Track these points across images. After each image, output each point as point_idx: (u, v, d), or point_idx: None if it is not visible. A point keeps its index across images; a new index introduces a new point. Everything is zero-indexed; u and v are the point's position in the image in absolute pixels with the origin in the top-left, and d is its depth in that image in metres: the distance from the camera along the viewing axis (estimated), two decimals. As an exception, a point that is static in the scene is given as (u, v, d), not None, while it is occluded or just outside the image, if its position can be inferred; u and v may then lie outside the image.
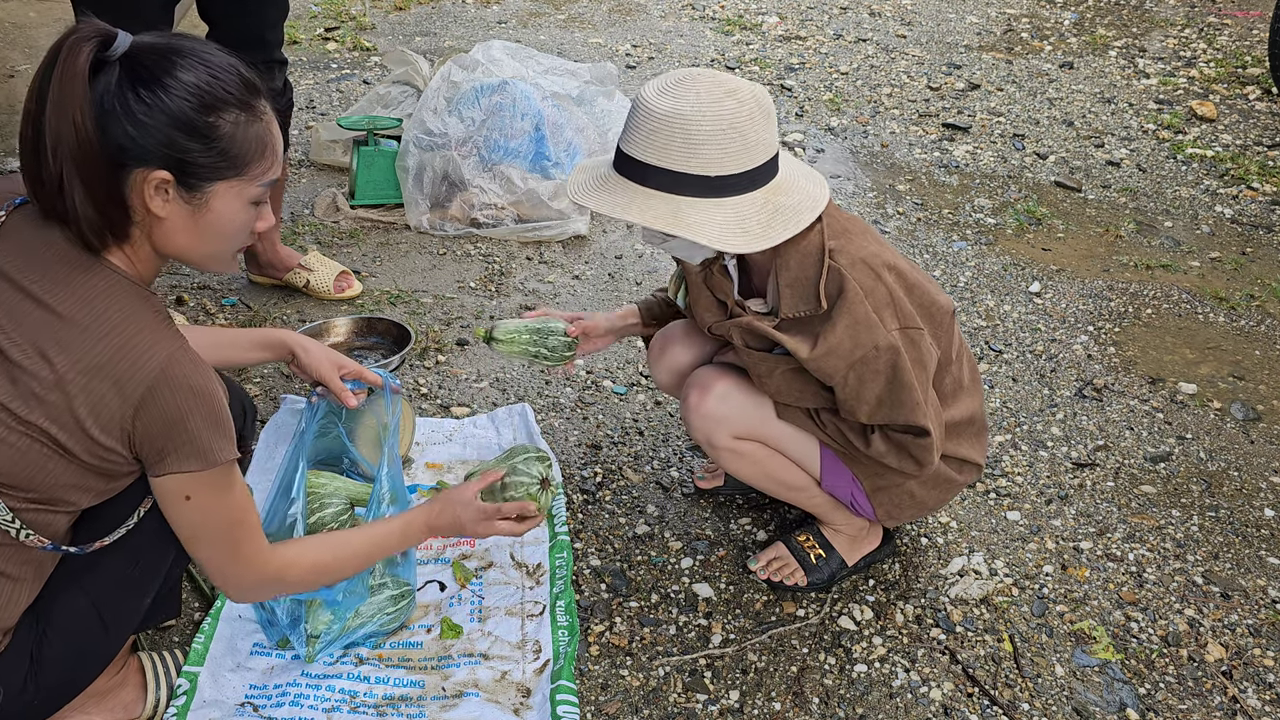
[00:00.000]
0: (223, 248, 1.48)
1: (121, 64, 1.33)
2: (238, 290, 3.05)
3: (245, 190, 1.44)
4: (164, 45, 1.37)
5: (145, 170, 1.35)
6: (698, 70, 1.75)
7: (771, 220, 1.75)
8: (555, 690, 1.79)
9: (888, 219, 3.69)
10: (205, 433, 1.40)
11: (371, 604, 1.88)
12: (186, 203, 1.40)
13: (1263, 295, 3.30)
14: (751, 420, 1.95)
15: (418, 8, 5.79)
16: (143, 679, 1.77)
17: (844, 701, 1.88)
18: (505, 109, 3.51)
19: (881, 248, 1.84)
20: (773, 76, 4.99)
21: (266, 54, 2.66)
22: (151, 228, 1.40)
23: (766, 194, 1.76)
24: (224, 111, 1.38)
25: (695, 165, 1.70)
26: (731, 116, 1.70)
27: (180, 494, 1.44)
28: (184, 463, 1.41)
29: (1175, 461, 2.54)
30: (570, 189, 1.83)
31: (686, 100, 1.69)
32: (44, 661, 1.49)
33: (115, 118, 1.31)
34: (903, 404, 1.81)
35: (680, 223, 1.71)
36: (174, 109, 1.34)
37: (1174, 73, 5.20)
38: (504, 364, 2.79)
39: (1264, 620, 2.10)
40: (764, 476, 2.03)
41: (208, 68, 1.37)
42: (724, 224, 1.72)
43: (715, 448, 1.99)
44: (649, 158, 1.72)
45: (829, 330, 1.78)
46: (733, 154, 1.71)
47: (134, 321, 1.37)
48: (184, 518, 1.47)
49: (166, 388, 1.36)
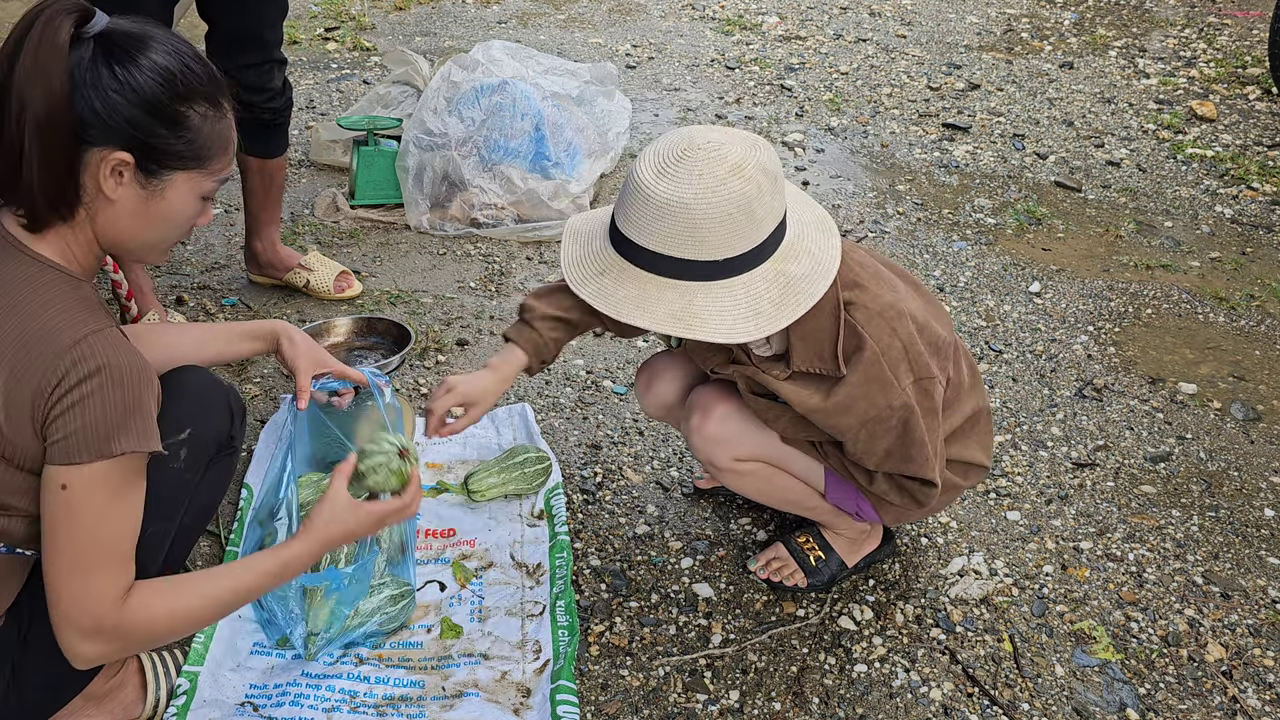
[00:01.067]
0: (163, 237, 1.46)
1: (96, 41, 1.33)
2: (238, 290, 3.05)
3: (201, 184, 1.44)
4: (138, 30, 1.37)
5: (106, 150, 1.34)
6: (697, 140, 1.62)
7: (784, 297, 1.66)
8: (555, 690, 1.79)
9: (888, 219, 3.69)
10: (110, 418, 1.30)
11: (371, 604, 1.88)
12: (142, 187, 1.39)
13: (1263, 295, 3.30)
14: (754, 441, 1.94)
15: (418, 8, 5.79)
16: (142, 679, 1.77)
17: (844, 701, 1.88)
18: (505, 109, 3.51)
19: (895, 293, 1.78)
20: (773, 76, 4.99)
21: (266, 53, 2.66)
22: (98, 210, 1.39)
23: (777, 264, 1.67)
24: (194, 102, 1.39)
25: (705, 252, 1.61)
26: (739, 198, 1.60)
27: (58, 482, 1.32)
28: (77, 451, 1.30)
29: (1175, 461, 2.54)
30: (567, 272, 1.72)
31: (688, 185, 1.59)
32: (24, 670, 1.47)
33: (84, 92, 1.31)
34: (912, 459, 1.79)
35: (691, 322, 1.63)
36: (145, 90, 1.34)
37: (1174, 73, 5.20)
38: (504, 364, 2.79)
39: (1264, 620, 2.10)
40: (768, 493, 2.03)
41: (180, 56, 1.38)
42: (735, 310, 1.64)
43: (718, 469, 1.98)
44: (653, 244, 1.62)
45: (842, 389, 1.73)
46: (743, 234, 1.62)
47: (52, 306, 1.34)
48: (51, 510, 1.33)
49: (72, 366, 1.29)
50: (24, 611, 1.47)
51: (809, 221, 1.76)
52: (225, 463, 1.71)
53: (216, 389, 1.68)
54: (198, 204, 1.46)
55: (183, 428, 1.59)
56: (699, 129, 1.65)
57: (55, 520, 1.33)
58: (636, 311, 1.64)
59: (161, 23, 1.43)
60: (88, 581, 1.35)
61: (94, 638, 1.37)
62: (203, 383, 1.67)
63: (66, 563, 1.34)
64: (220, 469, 1.69)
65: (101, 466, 1.32)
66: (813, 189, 3.89)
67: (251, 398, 2.58)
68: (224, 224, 3.40)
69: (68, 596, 1.35)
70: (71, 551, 1.34)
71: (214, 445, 1.65)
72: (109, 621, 1.37)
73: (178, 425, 1.58)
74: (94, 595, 1.35)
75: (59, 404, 1.30)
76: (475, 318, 2.99)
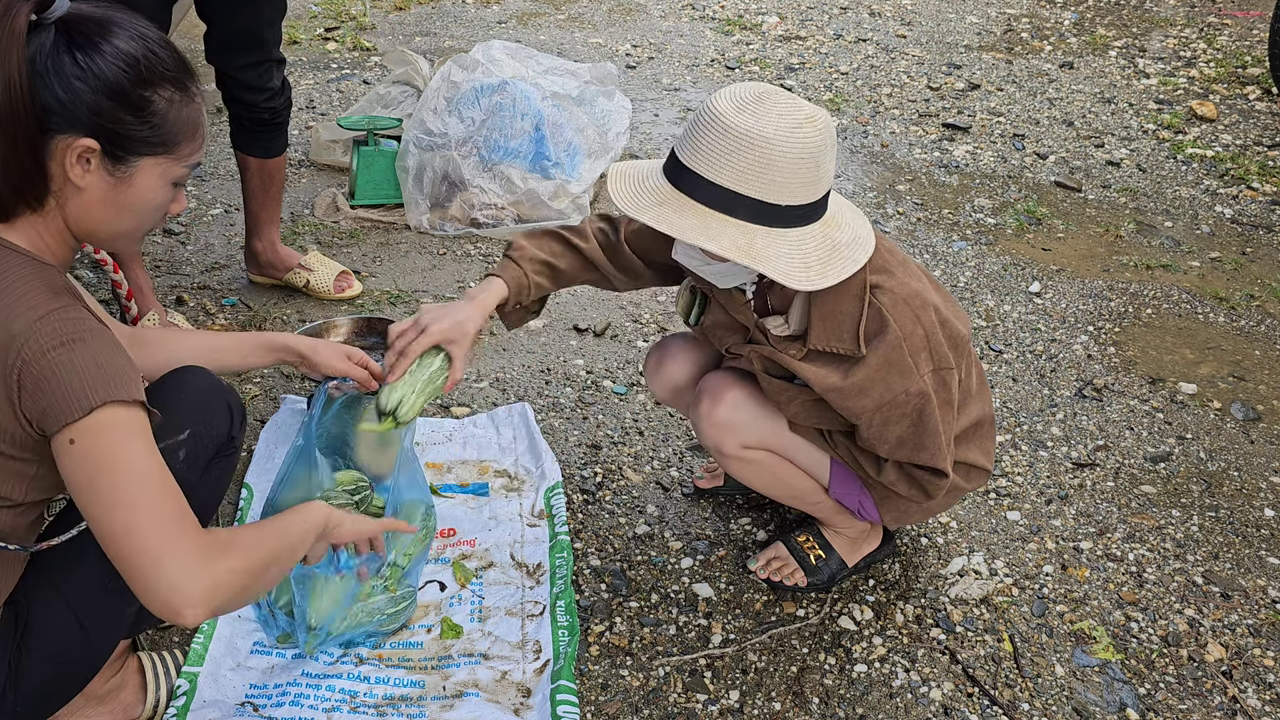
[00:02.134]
0: (135, 225, 1.45)
1: (57, 27, 1.32)
2: (238, 290, 3.05)
3: (171, 170, 1.43)
4: (101, 14, 1.36)
5: (70, 137, 1.33)
6: (770, 88, 1.65)
7: (830, 257, 1.68)
8: (555, 690, 1.79)
9: (888, 219, 3.69)
10: (84, 378, 1.27)
11: (371, 604, 1.88)
12: (109, 174, 1.38)
13: (1263, 295, 3.30)
14: (762, 430, 1.94)
15: (418, 8, 5.79)
16: (142, 679, 1.76)
17: (844, 701, 1.88)
18: (505, 109, 3.51)
19: (921, 283, 1.79)
20: (773, 76, 4.99)
21: (265, 53, 2.66)
22: (68, 198, 1.38)
23: (824, 228, 1.69)
24: (159, 87, 1.38)
25: (771, 193, 1.61)
26: (813, 144, 1.61)
27: (65, 441, 1.27)
28: (64, 412, 1.27)
29: (1175, 461, 2.54)
30: (621, 202, 1.68)
31: (769, 122, 1.59)
32: (23, 669, 1.47)
33: (46, 80, 1.30)
34: (925, 447, 1.80)
35: (755, 255, 1.63)
36: (109, 76, 1.33)
37: (1174, 73, 5.20)
38: (504, 364, 2.79)
39: (1264, 620, 2.10)
40: (771, 483, 2.03)
41: (144, 41, 1.37)
42: (789, 258, 1.64)
43: (724, 455, 1.98)
44: (722, 179, 1.61)
45: (860, 370, 1.74)
46: (808, 184, 1.63)
47: (16, 289, 1.32)
48: (74, 470, 1.27)
49: (35, 340, 1.28)
50: (21, 609, 1.47)
51: (846, 207, 1.80)
52: (225, 463, 1.71)
53: (216, 389, 1.68)
54: (168, 190, 1.45)
55: (182, 428, 1.59)
56: (764, 84, 1.69)
57: (88, 475, 1.27)
58: (703, 237, 1.63)
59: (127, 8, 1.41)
60: (161, 510, 1.26)
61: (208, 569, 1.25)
62: (203, 383, 1.67)
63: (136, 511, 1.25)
64: (220, 469, 1.69)
65: (99, 417, 1.27)
66: (813, 189, 3.89)
67: (251, 398, 2.58)
68: (224, 224, 3.40)
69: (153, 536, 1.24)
70: (131, 497, 1.26)
71: (214, 446, 1.65)
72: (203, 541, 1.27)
73: (178, 425, 1.58)
74: (172, 515, 1.27)
75: (32, 378, 1.28)
76: (475, 318, 2.99)
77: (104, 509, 1.25)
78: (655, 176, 1.70)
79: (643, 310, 3.07)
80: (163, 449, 1.51)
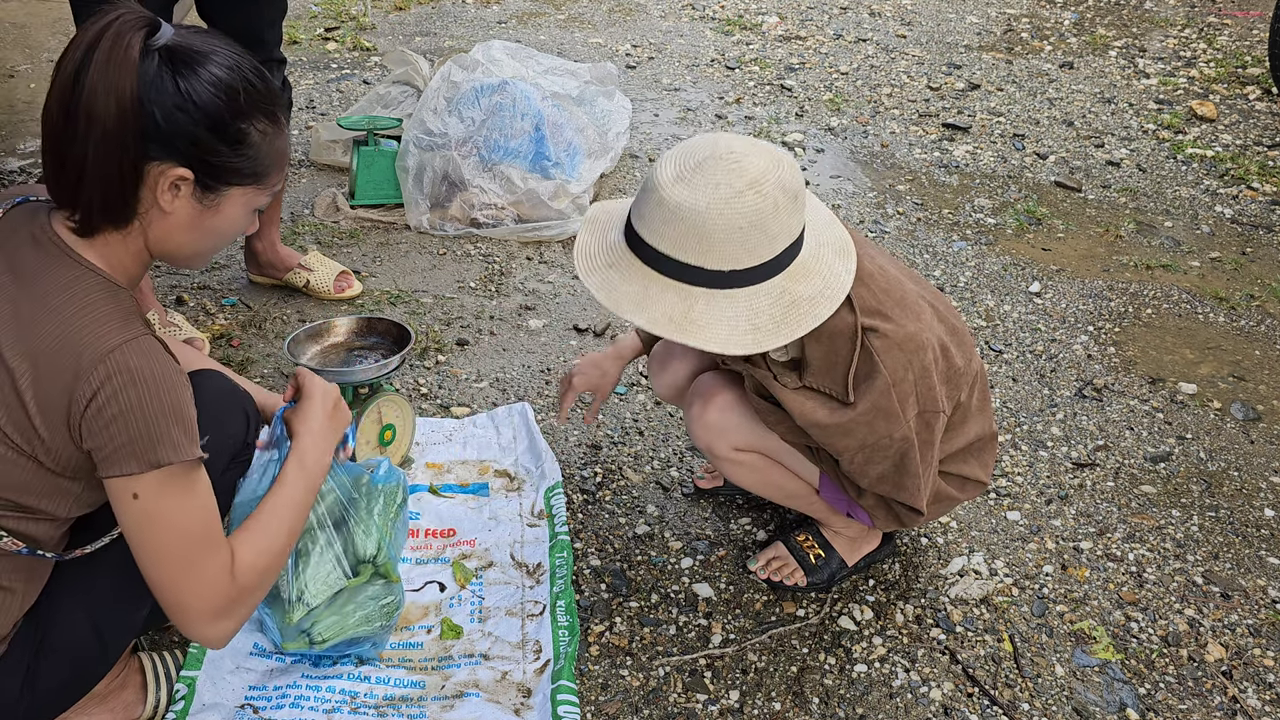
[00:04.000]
0: (213, 247, 1.48)
1: (161, 54, 1.32)
2: (238, 290, 3.05)
3: (256, 198, 1.46)
4: (201, 44, 1.37)
5: (165, 164, 1.34)
6: (721, 148, 1.61)
7: (785, 315, 1.65)
8: (556, 690, 1.79)
9: (888, 219, 3.69)
10: (152, 429, 1.31)
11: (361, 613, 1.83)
12: (199, 202, 1.39)
13: (1263, 295, 3.30)
14: (753, 433, 1.94)
15: (418, 8, 5.79)
16: (143, 680, 1.76)
17: (844, 701, 1.88)
18: (505, 109, 3.51)
19: (918, 323, 1.75)
20: (773, 76, 4.99)
21: (265, 53, 2.65)
22: (153, 221, 1.39)
23: (785, 281, 1.66)
24: (255, 119, 1.39)
25: (711, 261, 1.60)
26: (752, 213, 1.58)
27: (127, 492, 1.34)
28: (126, 462, 1.32)
29: (1175, 461, 2.54)
30: (578, 259, 1.72)
31: (703, 194, 1.58)
32: (40, 671, 1.48)
33: (149, 107, 1.31)
34: (905, 487, 1.80)
35: (687, 327, 1.62)
36: (209, 107, 1.34)
37: (1174, 73, 5.20)
38: (504, 364, 2.79)
39: (1264, 620, 2.10)
40: (763, 484, 2.03)
41: (241, 72, 1.38)
42: (735, 321, 1.63)
43: (716, 456, 1.99)
44: (662, 246, 1.62)
45: (848, 411, 1.73)
46: (753, 249, 1.61)
47: (90, 312, 1.33)
48: (132, 521, 1.36)
49: (108, 377, 1.30)
50: (43, 613, 1.48)
51: (827, 243, 1.74)
52: (239, 470, 1.70)
53: (234, 395, 1.67)
54: (250, 217, 1.48)
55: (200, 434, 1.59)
56: (725, 137, 1.65)
57: (143, 528, 1.36)
58: (634, 310, 1.65)
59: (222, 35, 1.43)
60: (202, 572, 1.40)
61: (225, 615, 1.44)
62: (220, 389, 1.66)
63: (174, 564, 1.38)
64: (234, 476, 1.69)
65: (161, 472, 1.34)
66: (813, 189, 3.89)
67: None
68: (224, 224, 3.40)
69: (190, 593, 1.39)
70: (175, 552, 1.38)
71: (229, 452, 1.65)
72: (232, 594, 1.43)
73: None
74: (211, 580, 1.41)
75: (98, 415, 1.30)
76: (475, 318, 2.99)
77: (151, 559, 1.38)
78: (617, 231, 1.72)
79: (643, 310, 3.06)
80: None
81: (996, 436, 2.02)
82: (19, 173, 3.67)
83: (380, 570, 1.83)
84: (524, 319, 3.00)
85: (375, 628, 1.84)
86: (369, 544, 1.80)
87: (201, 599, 1.40)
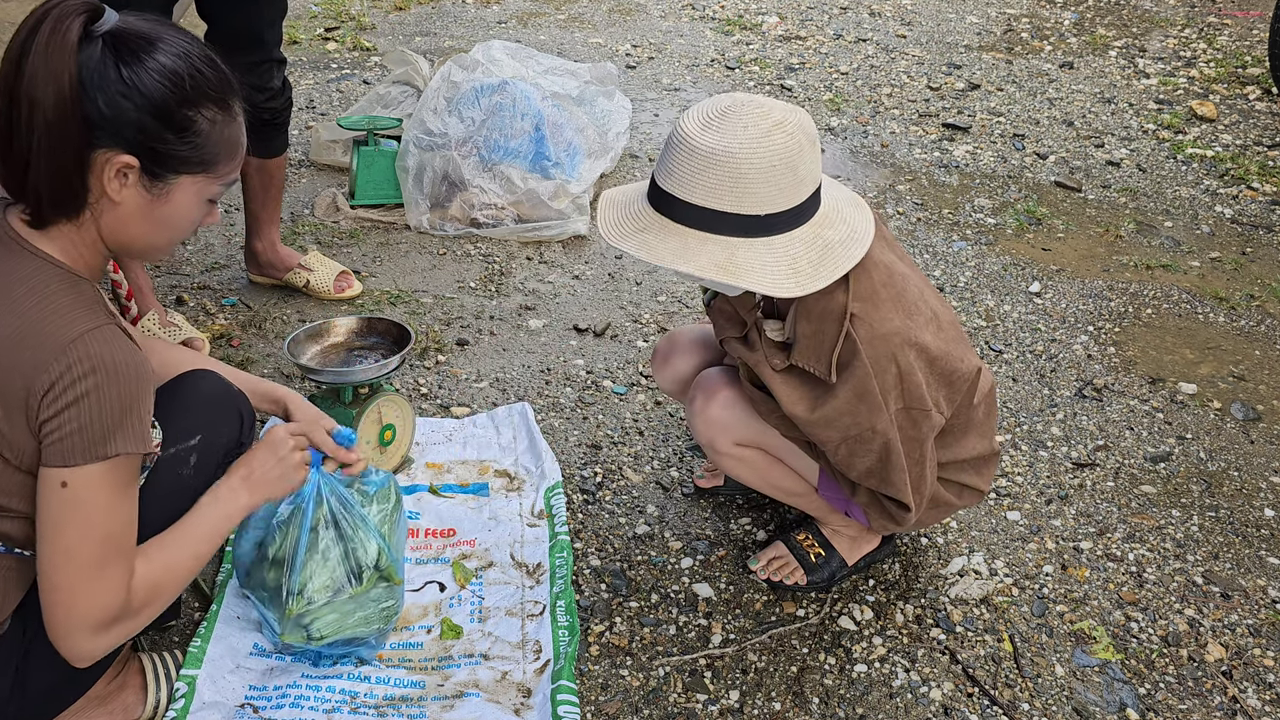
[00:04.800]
0: (168, 239, 1.46)
1: (105, 40, 1.31)
2: (238, 290, 3.05)
3: (207, 188, 1.43)
4: (149, 29, 1.35)
5: (111, 152, 1.33)
6: (739, 99, 1.65)
7: (822, 259, 1.67)
8: (556, 690, 1.79)
9: (888, 219, 3.69)
10: (106, 418, 1.30)
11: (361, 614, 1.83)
12: (147, 190, 1.38)
13: (1263, 295, 3.30)
14: (753, 429, 1.94)
15: (418, 8, 5.79)
16: (143, 680, 1.76)
17: (844, 701, 1.88)
18: (505, 109, 3.51)
19: (909, 320, 1.75)
20: (773, 76, 4.99)
21: (265, 53, 2.65)
22: (103, 211, 1.38)
23: (814, 228, 1.69)
24: (202, 106, 1.37)
25: (747, 205, 1.62)
26: (783, 151, 1.61)
27: (56, 480, 1.31)
28: (71, 454, 1.29)
29: (1175, 461, 2.54)
30: (606, 230, 1.71)
31: (734, 136, 1.60)
32: (29, 674, 1.47)
33: (92, 94, 1.30)
34: (891, 482, 1.80)
35: (734, 270, 1.63)
36: (154, 94, 1.32)
37: (1174, 73, 5.20)
38: (504, 364, 2.79)
39: (1264, 620, 2.10)
40: (763, 481, 2.04)
41: (190, 59, 1.36)
42: (775, 266, 1.65)
43: (717, 452, 1.99)
44: (695, 197, 1.62)
45: (830, 399, 1.74)
46: (784, 190, 1.63)
47: (50, 303, 1.32)
48: (54, 511, 1.32)
49: (69, 366, 1.28)
50: (30, 614, 1.47)
51: (841, 197, 1.78)
52: None
53: (228, 395, 1.67)
54: (203, 206, 1.46)
55: (193, 434, 1.58)
56: (738, 94, 1.68)
57: (61, 520, 1.32)
58: (680, 260, 1.64)
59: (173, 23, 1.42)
60: (103, 577, 1.36)
61: (107, 630, 1.39)
62: (214, 389, 1.66)
63: (82, 564, 1.33)
64: None
65: (102, 465, 1.32)
66: (813, 189, 3.89)
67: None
68: (224, 224, 3.40)
69: (86, 597, 1.35)
70: (88, 552, 1.33)
71: (223, 452, 1.65)
72: (122, 609, 1.38)
73: (188, 431, 1.57)
74: (111, 589, 1.37)
75: (55, 403, 1.29)
76: (475, 318, 2.99)
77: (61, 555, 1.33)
78: (640, 201, 1.72)
79: (643, 310, 3.07)
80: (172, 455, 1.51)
81: (999, 455, 2.02)
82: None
83: (384, 574, 1.83)
84: (524, 319, 3.00)
85: (373, 629, 1.84)
86: (370, 550, 1.80)
87: (95, 607, 1.36)
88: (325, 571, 1.78)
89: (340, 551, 1.78)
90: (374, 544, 1.80)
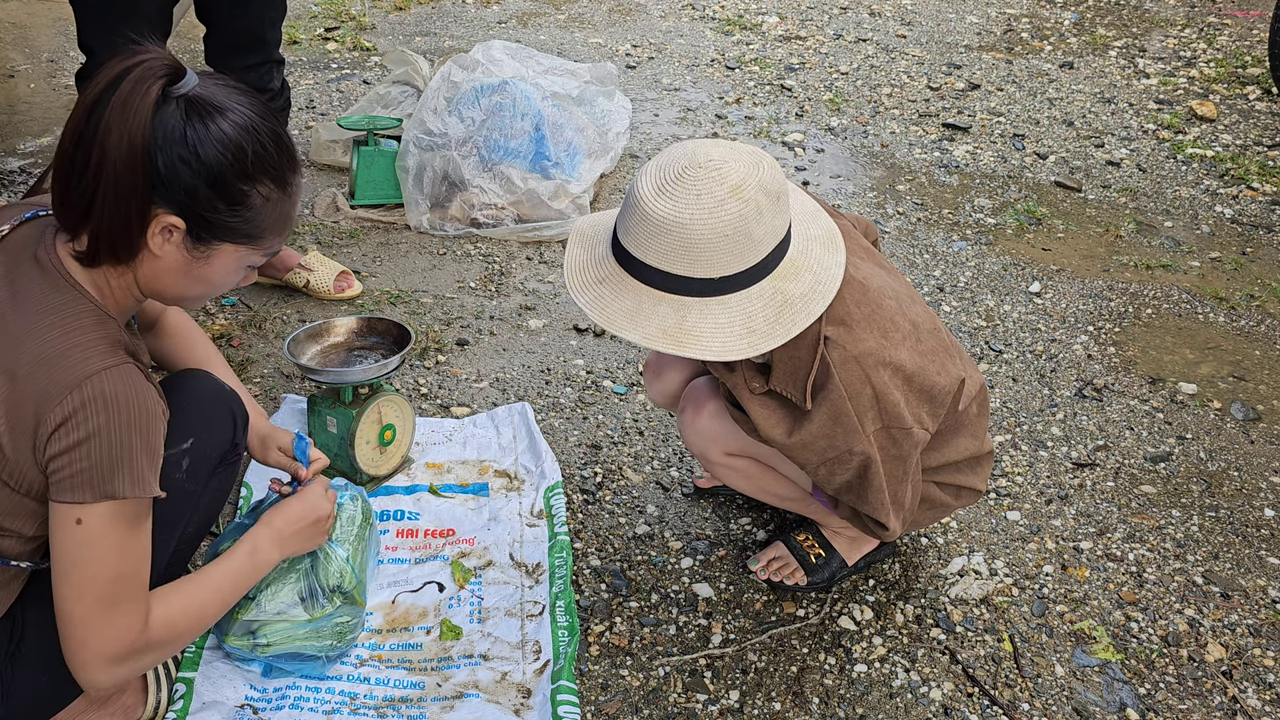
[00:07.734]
0: (202, 295, 1.48)
1: (178, 103, 1.33)
2: (238, 290, 3.05)
3: (250, 256, 1.45)
4: (223, 98, 1.36)
5: (160, 210, 1.35)
6: (699, 156, 1.60)
7: (779, 315, 1.65)
8: (556, 690, 1.79)
9: (888, 219, 3.69)
10: (116, 457, 1.32)
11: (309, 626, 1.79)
12: (188, 250, 1.40)
13: (1263, 295, 3.30)
14: (743, 438, 1.94)
15: (418, 8, 5.79)
16: (143, 682, 1.76)
17: (844, 701, 1.88)
18: (505, 109, 3.51)
19: (884, 339, 1.73)
20: (773, 76, 4.99)
21: (265, 54, 2.66)
22: (143, 261, 1.40)
23: (775, 282, 1.65)
24: (259, 182, 1.39)
25: (700, 269, 1.59)
26: (737, 219, 1.57)
27: (70, 517, 1.33)
28: (80, 489, 1.31)
29: (1175, 461, 2.54)
30: (569, 274, 1.72)
31: (685, 206, 1.57)
32: (16, 680, 1.48)
33: (154, 153, 1.31)
34: (869, 501, 1.79)
35: (683, 338, 1.62)
36: (213, 163, 1.34)
37: (1174, 73, 5.20)
38: (504, 364, 2.79)
39: (1264, 620, 2.10)
40: (757, 489, 2.04)
41: (256, 134, 1.37)
42: (730, 326, 1.63)
43: (709, 462, 2.00)
44: (649, 259, 1.61)
45: (806, 424, 1.73)
46: (739, 254, 1.60)
47: (74, 337, 1.34)
48: (69, 548, 1.34)
49: (83, 403, 1.30)
50: (17, 621, 1.47)
51: (815, 236, 1.73)
52: (228, 471, 1.70)
53: (220, 396, 1.67)
54: (241, 271, 1.48)
55: (186, 437, 1.58)
56: (703, 144, 1.63)
57: (75, 557, 1.34)
58: (629, 325, 1.64)
59: (249, 87, 1.42)
60: (115, 614, 1.38)
61: (122, 663, 1.41)
62: (207, 391, 1.66)
63: (96, 601, 1.36)
64: (222, 478, 1.69)
65: (112, 504, 1.33)
66: (813, 189, 3.89)
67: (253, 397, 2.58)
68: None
69: (99, 633, 1.37)
70: (97, 588, 1.36)
71: (217, 454, 1.65)
72: (138, 644, 1.41)
73: (181, 434, 1.57)
74: (123, 625, 1.39)
75: (65, 438, 1.30)
76: (475, 318, 2.99)
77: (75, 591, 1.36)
78: (604, 246, 1.71)
79: (643, 310, 3.06)
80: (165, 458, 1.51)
81: (993, 454, 2.02)
82: (19, 173, 3.67)
83: (349, 598, 1.83)
84: (524, 319, 3.00)
85: (324, 645, 1.81)
86: (333, 573, 1.81)
87: (108, 642, 1.38)
88: (287, 588, 1.78)
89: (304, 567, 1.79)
90: (336, 565, 1.81)
